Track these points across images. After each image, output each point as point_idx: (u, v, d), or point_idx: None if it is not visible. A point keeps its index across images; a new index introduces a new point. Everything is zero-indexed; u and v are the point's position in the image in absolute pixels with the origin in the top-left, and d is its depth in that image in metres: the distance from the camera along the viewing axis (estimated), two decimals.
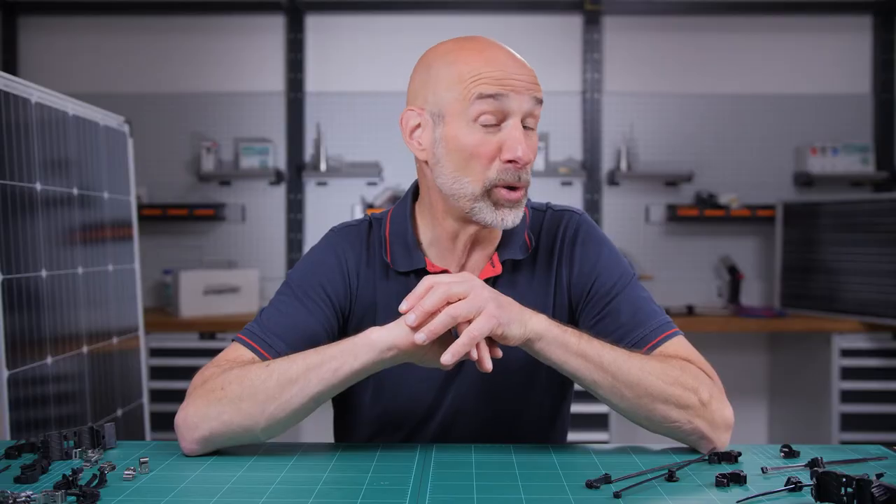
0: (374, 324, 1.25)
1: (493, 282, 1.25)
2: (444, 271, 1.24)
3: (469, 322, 1.04)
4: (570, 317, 1.27)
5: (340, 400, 1.32)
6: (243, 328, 1.23)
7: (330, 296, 1.24)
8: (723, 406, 1.14)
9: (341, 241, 1.29)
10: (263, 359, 1.17)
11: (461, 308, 1.04)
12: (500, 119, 1.14)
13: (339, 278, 1.26)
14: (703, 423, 1.12)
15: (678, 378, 1.12)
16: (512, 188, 1.16)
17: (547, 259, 1.28)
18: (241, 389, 1.08)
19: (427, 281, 1.07)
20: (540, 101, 1.16)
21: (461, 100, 1.14)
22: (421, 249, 1.26)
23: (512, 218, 1.17)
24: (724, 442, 1.14)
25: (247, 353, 1.19)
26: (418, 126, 1.20)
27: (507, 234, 1.27)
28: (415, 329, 1.04)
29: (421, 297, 1.05)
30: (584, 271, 1.26)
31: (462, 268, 1.26)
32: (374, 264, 1.27)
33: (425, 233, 1.27)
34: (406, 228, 1.27)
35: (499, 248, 1.26)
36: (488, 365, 1.05)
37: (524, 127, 1.16)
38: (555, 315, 1.25)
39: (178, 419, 1.12)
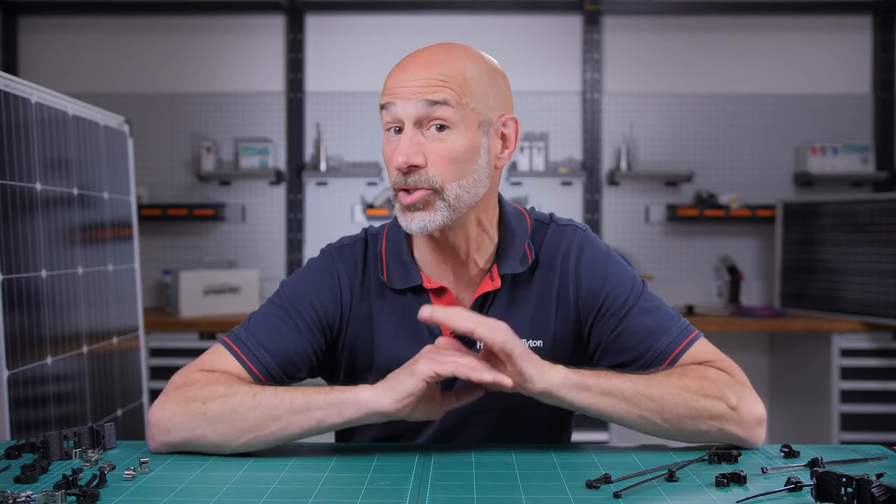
0: (371, 342, 1.25)
1: (491, 296, 1.23)
2: (441, 287, 1.23)
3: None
4: (576, 333, 1.26)
5: None
6: (230, 331, 1.23)
7: (320, 316, 1.24)
8: (752, 403, 1.14)
9: (336, 260, 1.28)
10: (247, 369, 1.18)
11: (482, 330, 1.03)
12: (400, 127, 1.16)
13: (331, 299, 1.25)
14: (735, 426, 1.12)
15: (700, 389, 1.12)
16: (406, 191, 1.16)
17: (547, 273, 1.26)
18: (222, 412, 1.08)
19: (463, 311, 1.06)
20: (435, 103, 1.12)
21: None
22: (417, 266, 1.25)
23: (418, 223, 1.15)
24: (758, 438, 1.15)
25: (230, 361, 1.18)
26: None
27: (506, 246, 1.25)
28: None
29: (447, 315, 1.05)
30: (593, 287, 1.24)
31: (457, 282, 1.24)
32: (369, 283, 1.27)
33: (418, 248, 1.26)
34: (401, 245, 1.26)
35: (497, 261, 1.25)
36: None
37: (435, 129, 1.14)
38: (556, 330, 1.24)
39: (152, 418, 1.12)
